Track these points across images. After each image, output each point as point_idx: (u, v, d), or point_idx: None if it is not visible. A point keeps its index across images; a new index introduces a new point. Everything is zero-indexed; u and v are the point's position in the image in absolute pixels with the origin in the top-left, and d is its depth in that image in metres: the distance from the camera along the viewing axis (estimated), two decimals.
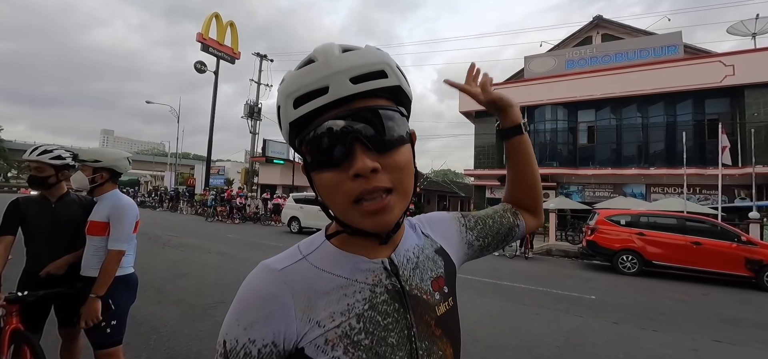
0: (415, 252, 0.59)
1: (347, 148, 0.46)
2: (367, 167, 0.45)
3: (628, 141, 18.23)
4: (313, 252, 0.54)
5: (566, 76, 19.02)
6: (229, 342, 0.48)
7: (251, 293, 0.49)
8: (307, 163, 0.51)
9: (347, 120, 0.46)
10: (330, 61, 0.47)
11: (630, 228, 8.53)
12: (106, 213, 1.97)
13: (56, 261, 2.04)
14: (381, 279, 0.53)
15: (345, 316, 0.49)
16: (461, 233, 0.70)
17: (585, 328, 4.34)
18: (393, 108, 0.50)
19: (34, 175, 2.04)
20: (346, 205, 0.48)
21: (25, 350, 1.80)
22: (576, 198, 18.49)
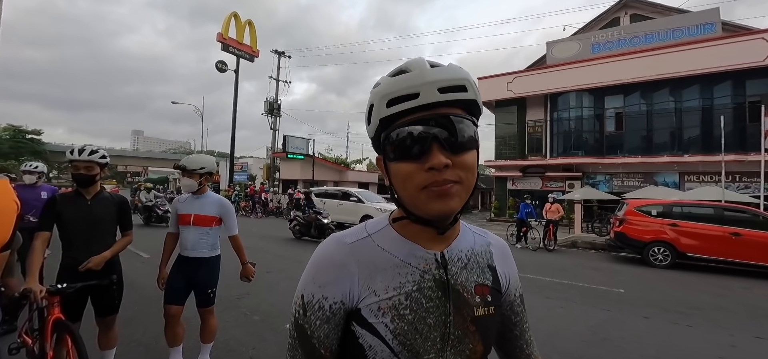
0: (468, 254, 0.66)
1: (426, 145, 0.54)
2: (441, 162, 0.53)
3: (660, 127, 17.27)
4: (377, 232, 0.64)
5: (592, 60, 18.20)
6: (307, 296, 0.59)
7: (326, 259, 0.61)
8: (387, 155, 0.60)
9: (429, 122, 0.55)
10: (423, 73, 0.56)
11: (662, 219, 8.12)
12: (215, 209, 2.57)
13: (96, 257, 2.16)
14: (431, 268, 0.61)
15: (396, 291, 0.59)
16: (514, 291, 0.74)
17: (613, 323, 4.19)
18: (467, 117, 0.58)
19: (84, 173, 2.19)
20: (415, 191, 0.55)
21: (66, 338, 1.93)
22: (603, 188, 17.80)
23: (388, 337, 0.57)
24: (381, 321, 0.57)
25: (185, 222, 2.54)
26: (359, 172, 33.25)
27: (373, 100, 0.60)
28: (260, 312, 4.11)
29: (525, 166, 20.40)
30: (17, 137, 34.08)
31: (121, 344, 2.62)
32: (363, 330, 0.58)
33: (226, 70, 24.92)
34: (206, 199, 2.58)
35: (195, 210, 2.53)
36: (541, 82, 19.54)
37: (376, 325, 0.58)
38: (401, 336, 0.57)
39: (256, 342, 3.31)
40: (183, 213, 2.55)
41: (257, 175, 32.51)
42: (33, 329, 2.42)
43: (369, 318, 0.58)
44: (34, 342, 2.37)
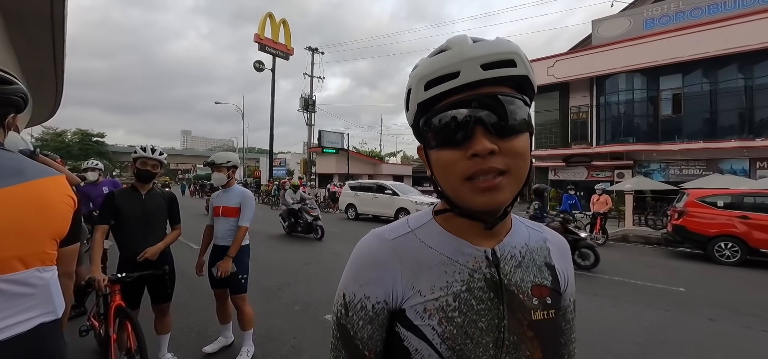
0: (522, 251, 0.60)
1: (469, 129, 0.49)
2: (485, 148, 0.47)
3: (726, 108, 15.49)
4: (421, 227, 0.59)
5: (644, 38, 16.66)
6: (349, 295, 0.56)
7: (367, 257, 0.57)
8: (427, 143, 0.55)
9: (472, 103, 0.49)
10: (464, 49, 0.50)
11: (730, 211, 7.30)
12: (238, 200, 2.75)
13: (152, 248, 2.34)
14: (481, 266, 0.56)
15: (443, 291, 0.54)
16: (569, 296, 0.64)
17: (672, 324, 3.84)
18: (517, 96, 0.51)
19: (150, 170, 2.41)
20: (458, 182, 0.51)
21: (126, 323, 2.10)
22: (658, 178, 16.38)
23: (436, 341, 0.52)
24: (427, 323, 0.53)
25: (216, 214, 2.80)
26: (393, 165, 33.27)
27: (410, 83, 0.55)
28: (300, 302, 4.24)
29: (568, 155, 19.27)
30: (85, 140, 37.92)
31: (175, 329, 2.82)
32: (408, 332, 0.54)
33: (264, 69, 25.88)
34: (231, 192, 2.80)
35: (222, 203, 2.78)
36: (586, 64, 18.25)
37: (422, 328, 0.53)
38: (450, 341, 0.52)
39: (297, 332, 3.41)
40: (215, 206, 2.82)
41: (295, 170, 33.63)
42: (99, 314, 2.67)
43: (414, 320, 0.54)
44: (100, 325, 2.61)
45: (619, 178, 17.15)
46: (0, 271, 0.94)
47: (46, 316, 1.02)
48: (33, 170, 1.05)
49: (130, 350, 2.05)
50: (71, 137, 39.01)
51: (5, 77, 1.03)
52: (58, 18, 7.68)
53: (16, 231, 0.97)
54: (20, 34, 8.24)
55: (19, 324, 0.96)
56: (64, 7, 7.32)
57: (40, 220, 1.03)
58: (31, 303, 0.99)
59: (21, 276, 0.97)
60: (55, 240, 1.07)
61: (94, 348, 2.79)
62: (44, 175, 1.07)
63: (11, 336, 0.94)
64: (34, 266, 1.00)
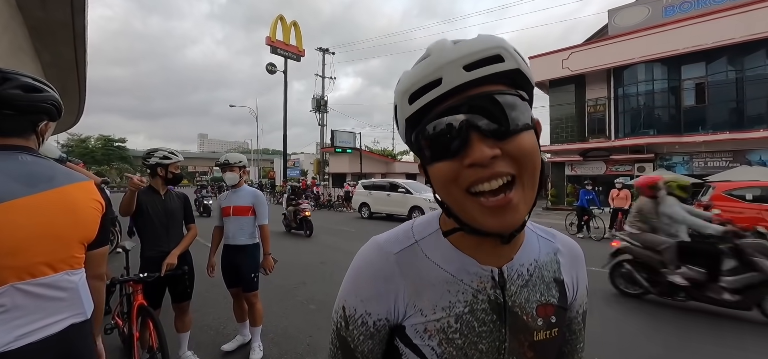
0: (530, 269, 0.57)
1: (463, 137, 0.45)
2: (484, 155, 0.43)
3: (755, 96, 14.78)
4: (425, 238, 0.56)
5: (665, 25, 16.07)
6: (349, 309, 0.55)
7: (369, 270, 0.54)
8: (423, 158, 0.51)
9: (461, 108, 0.45)
10: (443, 53, 0.46)
11: (760, 204, 6.99)
12: (250, 200, 2.86)
13: (169, 257, 2.37)
14: (485, 287, 0.53)
15: (445, 312, 0.52)
16: (577, 307, 0.64)
17: (698, 321, 3.70)
18: (511, 92, 0.47)
19: (175, 172, 2.53)
20: (460, 196, 0.47)
21: (148, 322, 2.16)
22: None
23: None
24: (427, 343, 0.52)
25: (226, 214, 2.85)
26: (406, 163, 33.21)
27: (395, 99, 0.52)
28: (316, 301, 4.28)
29: (585, 149, 18.78)
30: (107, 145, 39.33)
31: (194, 327, 2.89)
32: (407, 349, 0.54)
33: (276, 71, 26.23)
34: (242, 192, 2.87)
35: (233, 203, 2.84)
36: (602, 55, 17.74)
37: (421, 347, 0.52)
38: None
39: (313, 330, 3.45)
40: (225, 207, 2.87)
41: (308, 170, 33.97)
42: (123, 313, 2.75)
43: (414, 339, 0.53)
44: (124, 324, 2.70)
45: (639, 172, 16.60)
46: (31, 276, 0.97)
47: (75, 317, 1.06)
48: (63, 176, 1.08)
49: (152, 348, 2.11)
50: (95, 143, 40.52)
51: (35, 85, 1.05)
52: (79, 29, 7.97)
53: (48, 236, 1.01)
54: (44, 46, 8.60)
55: (51, 326, 1.00)
56: (84, 18, 7.59)
57: (71, 225, 1.06)
58: (61, 305, 1.02)
59: (50, 280, 1.01)
60: (83, 244, 1.10)
61: (118, 345, 2.88)
62: (74, 180, 1.10)
63: (43, 337, 0.98)
64: (63, 270, 1.04)
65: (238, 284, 2.88)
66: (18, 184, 0.97)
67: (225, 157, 2.91)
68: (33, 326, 0.96)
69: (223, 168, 2.90)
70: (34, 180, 1.01)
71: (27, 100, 1.02)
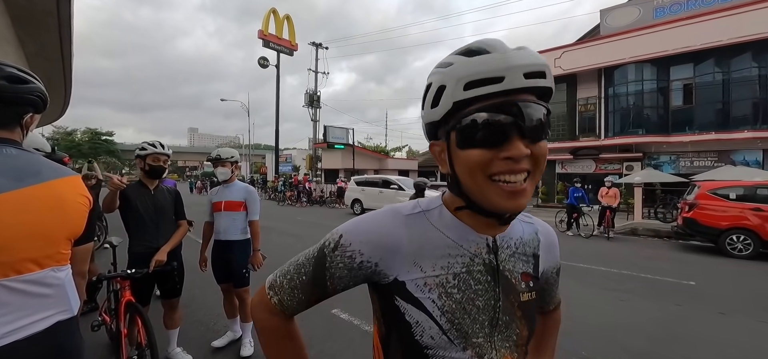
0: (516, 242, 0.66)
1: (507, 132, 0.52)
2: (521, 153, 0.51)
3: (740, 98, 15.12)
4: (432, 210, 0.63)
5: (655, 26, 16.29)
6: (345, 239, 0.60)
7: (378, 221, 0.61)
8: (454, 141, 0.56)
9: (512, 108, 0.52)
10: (508, 56, 0.52)
11: (743, 203, 7.17)
12: (242, 195, 2.83)
13: (158, 254, 2.32)
14: (481, 252, 0.61)
15: (444, 270, 0.59)
16: (550, 271, 0.75)
17: (683, 318, 3.79)
18: (545, 106, 0.55)
19: (162, 165, 2.44)
20: (485, 181, 0.54)
21: (136, 318, 2.13)
22: (668, 170, 16.10)
23: (436, 313, 0.57)
24: (428, 296, 0.58)
25: (218, 209, 2.83)
26: (399, 160, 33.23)
27: (444, 80, 0.55)
28: None
29: (576, 147, 19.02)
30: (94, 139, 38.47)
31: (184, 324, 2.86)
32: (409, 304, 0.58)
33: (268, 65, 25.93)
34: (234, 187, 2.86)
35: (225, 198, 2.82)
36: (594, 55, 17.93)
37: (422, 300, 0.58)
38: (449, 314, 0.57)
39: (304, 325, 3.41)
40: (216, 202, 2.85)
41: (301, 166, 33.75)
42: (110, 309, 2.71)
43: (415, 293, 0.58)
44: (111, 321, 2.65)
45: (628, 171, 16.90)
46: (16, 272, 0.95)
47: (62, 314, 1.04)
48: (50, 170, 1.06)
49: (140, 345, 2.08)
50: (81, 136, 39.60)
51: (21, 76, 1.03)
52: (65, 18, 7.75)
53: (35, 232, 0.99)
54: (29, 36, 8.35)
55: (37, 323, 0.98)
56: (70, 7, 7.39)
57: (58, 221, 1.04)
58: (48, 302, 1.01)
59: (36, 277, 0.99)
60: (69, 240, 1.08)
61: (106, 342, 2.84)
62: (61, 175, 1.08)
63: (30, 334, 0.96)
64: (49, 266, 1.02)
65: (229, 279, 2.86)
66: (3, 178, 0.95)
67: (216, 152, 2.89)
68: (19, 323, 0.95)
69: (215, 163, 2.88)
70: (21, 174, 0.99)
71: (12, 92, 1.00)
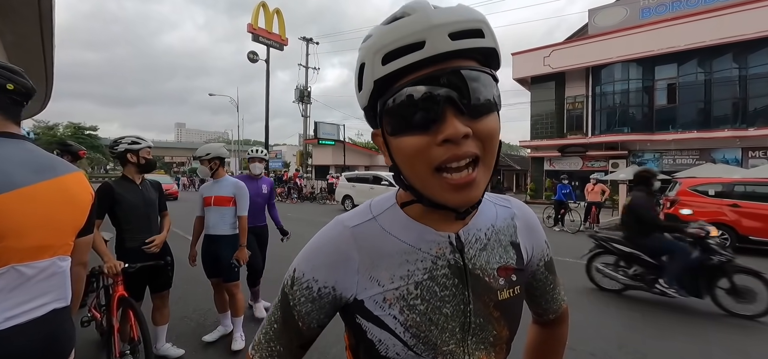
0: (488, 233, 0.58)
1: (439, 110, 0.43)
2: (458, 132, 0.42)
3: (721, 98, 15.64)
4: (383, 213, 0.56)
5: (641, 27, 16.68)
6: (298, 272, 0.55)
7: (324, 241, 0.55)
8: (385, 127, 0.49)
9: (440, 79, 0.43)
10: (428, 15, 0.43)
11: (721, 200, 7.43)
12: (231, 190, 2.84)
13: (158, 237, 2.42)
14: (445, 252, 0.54)
15: (404, 280, 0.52)
16: (536, 262, 0.66)
17: (664, 308, 3.93)
18: (487, 71, 0.46)
19: (147, 158, 2.44)
20: (427, 173, 0.46)
21: (129, 313, 2.13)
22: (652, 167, 16.54)
23: (399, 330, 0.51)
24: (389, 313, 0.52)
25: (208, 204, 2.86)
26: None
27: (363, 57, 0.47)
28: None
29: (564, 145, 19.37)
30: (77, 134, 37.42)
31: (174, 319, 2.86)
32: (369, 323, 0.53)
33: (258, 60, 25.58)
34: (224, 182, 2.89)
35: (214, 193, 2.86)
36: (582, 54, 18.26)
37: (383, 318, 0.52)
38: (414, 328, 0.51)
39: None
40: (206, 196, 2.88)
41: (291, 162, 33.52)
42: (100, 305, 2.69)
43: (374, 311, 0.52)
44: (102, 316, 2.63)
45: (613, 168, 17.29)
46: (30, 259, 1.02)
47: (58, 303, 1.10)
48: (61, 166, 1.15)
49: (133, 340, 2.08)
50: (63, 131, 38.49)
51: (20, 71, 1.09)
52: (46, 9, 7.52)
53: (48, 222, 1.07)
54: (6, 26, 8.08)
55: (36, 309, 1.04)
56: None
57: (68, 213, 1.13)
58: (48, 289, 1.07)
59: (45, 265, 1.06)
60: (75, 232, 1.16)
61: (96, 339, 2.81)
62: (70, 170, 1.17)
63: (29, 320, 1.02)
64: (56, 255, 1.09)
65: (219, 274, 2.88)
66: (27, 172, 1.04)
67: (196, 152, 2.94)
68: (21, 308, 1.00)
69: (200, 161, 2.93)
70: (40, 169, 1.07)
71: (25, 88, 1.08)
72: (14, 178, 0.99)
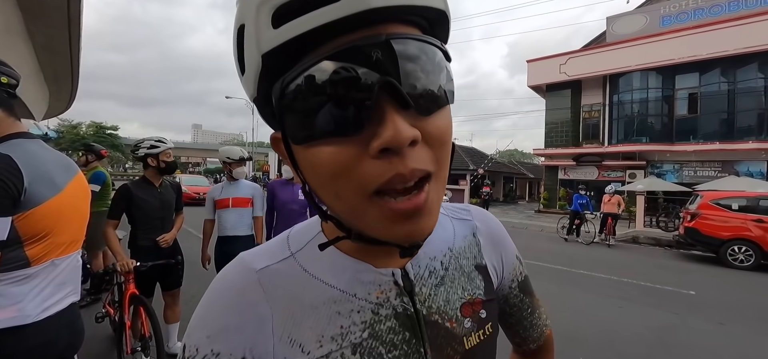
0: (445, 261, 0.44)
1: (371, 100, 0.27)
2: (404, 137, 0.28)
3: (745, 108, 15.06)
4: (304, 248, 0.42)
5: (661, 35, 16.26)
6: (189, 349, 0.38)
7: (222, 295, 0.39)
8: (288, 131, 0.32)
9: (371, 53, 0.28)
10: None
11: (745, 214, 7.14)
12: (250, 192, 2.91)
13: (168, 234, 2.46)
14: (389, 297, 0.40)
15: (337, 343, 0.37)
16: (507, 284, 0.52)
17: (681, 327, 3.79)
18: (438, 44, 0.32)
19: (167, 161, 2.48)
20: (359, 200, 0.31)
21: (140, 310, 2.18)
22: (671, 179, 16.05)
23: None
24: None
25: (224, 206, 2.86)
26: None
27: (242, 16, 0.31)
28: None
29: (579, 154, 18.98)
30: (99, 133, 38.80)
31: (183, 319, 2.89)
32: None
33: None
34: (241, 184, 2.91)
35: (232, 195, 2.87)
36: (599, 61, 17.91)
37: None
38: None
39: None
40: (221, 199, 2.86)
41: None
42: (114, 301, 2.76)
43: None
44: (115, 312, 2.70)
45: (630, 179, 16.85)
46: (64, 252, 1.08)
47: (74, 296, 1.16)
48: (74, 165, 1.21)
49: (144, 336, 2.13)
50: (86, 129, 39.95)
51: (4, 61, 1.12)
52: (75, 14, 7.85)
53: (78, 218, 1.15)
54: (37, 29, 8.46)
55: (62, 300, 1.09)
56: (80, 2, 7.48)
57: (86, 208, 1.21)
58: (69, 282, 1.13)
59: (71, 258, 1.12)
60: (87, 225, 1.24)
61: (109, 334, 2.88)
62: (79, 169, 1.24)
63: (58, 311, 1.06)
64: (77, 250, 1.16)
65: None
66: (62, 173, 1.10)
67: (240, 154, 2.91)
68: (53, 299, 1.05)
69: (234, 163, 2.87)
70: (66, 168, 1.14)
71: (17, 80, 1.11)
72: (57, 181, 1.05)
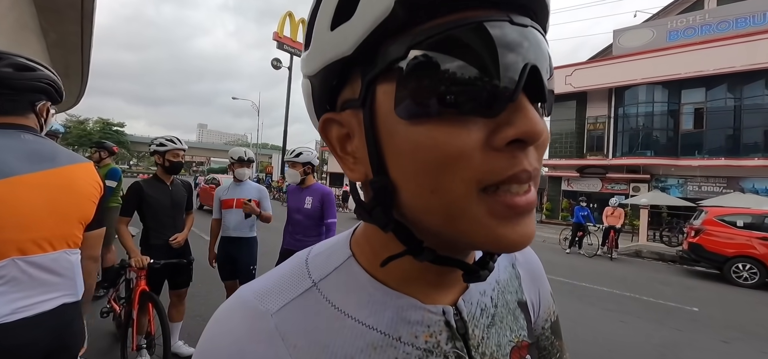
0: (494, 296, 0.37)
1: (516, 85, 0.23)
2: (539, 130, 0.24)
3: (751, 125, 14.97)
4: (330, 275, 0.33)
5: (668, 49, 16.25)
6: None
7: (225, 351, 0.30)
8: (397, 102, 0.25)
9: (526, 34, 0.24)
10: None
11: (750, 231, 7.09)
12: (256, 193, 2.92)
13: (181, 235, 2.48)
14: (439, 341, 0.32)
15: None
16: (541, 324, 0.46)
17: (684, 343, 3.76)
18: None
19: (181, 161, 2.51)
20: (468, 194, 0.25)
21: (148, 306, 2.20)
22: (675, 193, 15.95)
23: None
24: None
25: (229, 206, 2.88)
26: None
27: None
28: None
29: (583, 165, 18.92)
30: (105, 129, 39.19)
31: (186, 317, 2.92)
32: None
33: (281, 67, 26.27)
34: (246, 185, 2.95)
35: (238, 196, 2.88)
36: (605, 74, 17.92)
37: None
38: None
39: None
40: (226, 199, 2.89)
41: None
42: (119, 297, 2.79)
43: None
44: (120, 309, 2.73)
45: (634, 192, 16.77)
46: (32, 252, 0.99)
47: (68, 297, 1.08)
48: (65, 156, 1.12)
49: (149, 333, 2.15)
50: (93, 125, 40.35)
51: (28, 64, 1.07)
52: (88, 11, 7.98)
53: (50, 213, 1.03)
54: (51, 25, 8.59)
55: (45, 303, 1.01)
56: (93, 1, 7.61)
57: (72, 204, 1.09)
58: (58, 283, 1.05)
59: (51, 258, 1.03)
60: (82, 224, 1.13)
61: (112, 330, 2.90)
62: (75, 161, 1.15)
63: (38, 313, 0.99)
64: (62, 248, 1.06)
65: (235, 276, 2.91)
66: (21, 161, 1.00)
67: (248, 155, 2.94)
68: (29, 301, 0.98)
69: (240, 162, 2.90)
70: (37, 158, 1.04)
71: (19, 79, 1.04)
72: (8, 166, 0.96)
